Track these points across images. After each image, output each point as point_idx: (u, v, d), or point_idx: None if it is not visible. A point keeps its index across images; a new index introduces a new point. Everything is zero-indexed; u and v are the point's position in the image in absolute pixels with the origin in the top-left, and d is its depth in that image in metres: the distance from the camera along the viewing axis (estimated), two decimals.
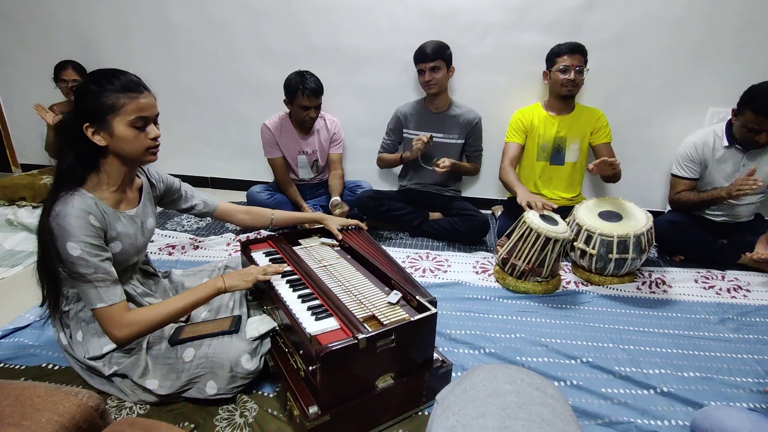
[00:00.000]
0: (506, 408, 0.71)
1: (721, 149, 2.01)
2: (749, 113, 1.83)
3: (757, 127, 1.83)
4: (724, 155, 2.01)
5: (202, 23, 2.63)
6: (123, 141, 1.14)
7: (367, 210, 2.33)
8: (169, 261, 2.08)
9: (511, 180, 2.14)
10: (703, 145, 2.04)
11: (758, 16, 2.11)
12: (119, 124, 1.12)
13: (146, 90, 1.16)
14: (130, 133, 1.14)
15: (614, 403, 1.29)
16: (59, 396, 0.75)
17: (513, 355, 1.48)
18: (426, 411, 1.26)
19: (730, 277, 1.98)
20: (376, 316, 1.19)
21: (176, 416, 1.22)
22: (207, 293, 1.26)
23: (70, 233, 1.08)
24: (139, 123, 1.14)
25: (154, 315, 1.18)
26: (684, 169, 2.10)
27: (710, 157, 2.03)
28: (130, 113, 1.12)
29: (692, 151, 2.06)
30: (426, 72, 2.18)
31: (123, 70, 1.15)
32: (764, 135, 1.84)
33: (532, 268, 1.81)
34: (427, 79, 2.19)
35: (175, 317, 1.22)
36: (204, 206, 1.58)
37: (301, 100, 2.24)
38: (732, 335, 1.60)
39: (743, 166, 1.99)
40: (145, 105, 1.15)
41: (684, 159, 2.09)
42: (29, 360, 1.42)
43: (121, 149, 1.15)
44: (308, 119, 2.32)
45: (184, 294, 1.25)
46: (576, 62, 2.06)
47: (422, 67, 2.19)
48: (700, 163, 2.06)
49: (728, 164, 2.02)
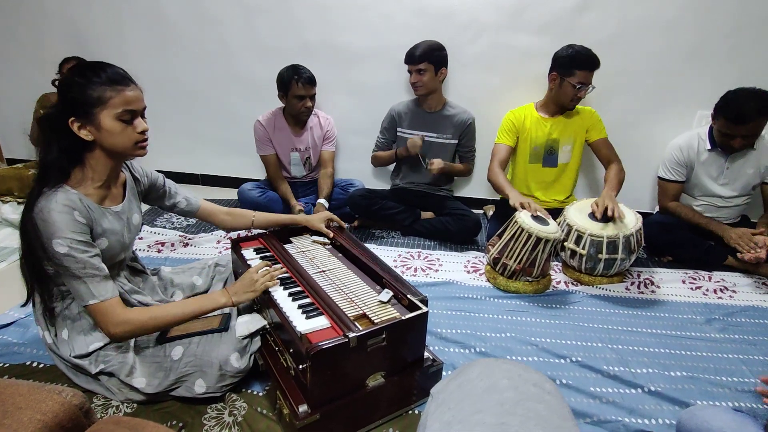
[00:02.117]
0: (503, 404, 0.70)
1: (705, 152, 2.04)
2: (722, 119, 1.88)
3: (729, 132, 1.88)
4: (708, 158, 2.05)
5: (197, 18, 2.60)
6: (110, 135, 1.12)
7: (359, 209, 2.32)
8: (158, 258, 2.05)
9: (501, 182, 2.12)
10: (688, 148, 2.07)
11: (750, 20, 2.14)
12: (106, 117, 1.10)
13: (133, 83, 1.14)
14: (117, 126, 1.11)
15: (603, 402, 1.30)
16: (42, 394, 0.74)
17: (503, 354, 1.49)
18: (417, 410, 1.26)
19: (717, 278, 2.00)
20: (367, 315, 1.18)
21: (164, 415, 1.21)
22: (209, 306, 1.23)
23: (56, 230, 1.06)
24: (126, 116, 1.12)
25: (152, 318, 1.16)
26: (671, 173, 2.12)
27: (695, 159, 2.07)
28: (117, 106, 1.10)
29: (677, 154, 2.09)
30: (412, 74, 2.19)
31: (109, 63, 1.13)
32: (738, 140, 1.89)
33: (523, 267, 1.81)
34: (413, 80, 2.21)
35: (171, 324, 1.20)
36: (187, 204, 1.54)
37: (295, 90, 2.23)
38: (718, 335, 1.63)
39: (726, 168, 2.02)
40: (132, 98, 1.12)
41: (670, 162, 2.12)
42: (13, 358, 1.40)
43: (108, 143, 1.13)
44: (304, 110, 2.30)
45: (186, 302, 1.23)
46: (591, 79, 2.04)
47: (409, 69, 2.21)
48: (685, 166, 2.09)
49: (713, 167, 2.05)
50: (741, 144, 1.90)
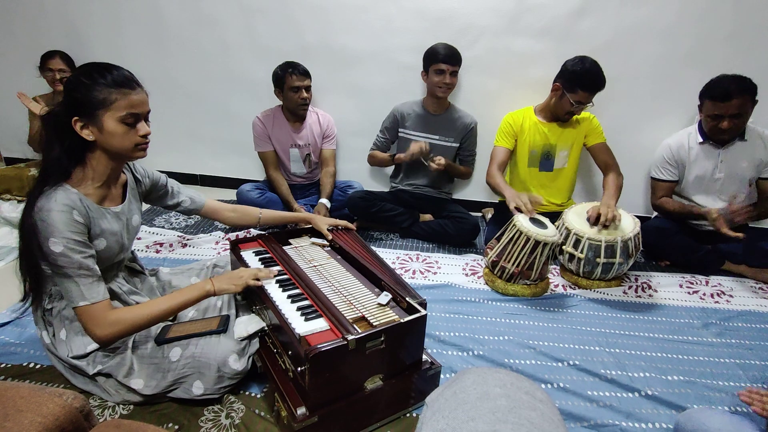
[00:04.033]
0: (496, 412, 0.71)
1: (696, 147, 2.07)
2: (708, 102, 1.93)
3: (717, 113, 1.91)
4: (700, 153, 2.07)
5: (195, 18, 2.60)
6: (112, 136, 1.12)
7: (358, 210, 2.32)
8: (156, 259, 2.05)
9: (498, 183, 2.13)
10: (678, 147, 2.10)
11: (746, 26, 2.15)
12: (109, 119, 1.10)
13: (139, 86, 1.15)
14: (119, 128, 1.12)
15: (600, 406, 1.31)
16: (43, 397, 0.74)
17: (501, 358, 1.49)
18: (414, 412, 1.26)
19: (714, 282, 2.01)
20: (365, 317, 1.19)
21: (160, 417, 1.20)
22: (194, 296, 1.24)
23: (53, 229, 1.06)
24: (129, 119, 1.12)
25: (139, 315, 1.16)
26: (662, 172, 2.14)
27: (686, 157, 2.09)
28: (121, 109, 1.10)
29: (668, 154, 2.11)
30: (447, 74, 2.15)
31: (116, 65, 1.13)
32: (726, 121, 1.90)
33: (521, 270, 1.82)
34: (447, 81, 2.17)
35: (160, 318, 1.20)
36: (191, 203, 1.55)
37: (290, 81, 2.25)
38: (715, 339, 1.63)
39: (721, 162, 2.04)
40: (137, 101, 1.13)
41: (661, 162, 2.14)
42: (10, 358, 1.39)
43: (109, 145, 1.13)
44: (300, 101, 2.31)
45: (171, 295, 1.23)
46: (592, 99, 2.03)
47: (443, 68, 2.14)
48: (677, 165, 2.11)
49: (707, 161, 2.06)
50: (730, 126, 1.90)
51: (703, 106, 1.97)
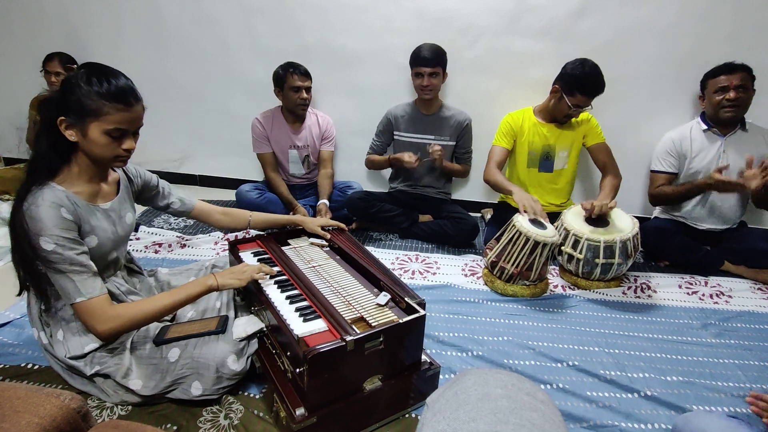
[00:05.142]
0: (497, 413, 0.71)
1: (699, 138, 2.07)
2: (712, 80, 2.01)
3: (723, 84, 1.96)
4: (703, 144, 2.07)
5: (195, 18, 2.60)
6: (93, 144, 1.11)
7: (357, 211, 2.32)
8: (155, 259, 2.05)
9: (500, 180, 2.12)
10: (681, 139, 2.10)
11: (746, 27, 2.15)
12: (95, 129, 1.09)
13: (137, 102, 1.12)
14: (103, 139, 1.10)
15: (599, 407, 1.30)
16: (40, 398, 0.74)
17: (500, 358, 1.49)
18: (414, 413, 1.26)
19: (713, 283, 2.01)
20: (364, 318, 1.18)
21: (158, 417, 1.20)
22: (197, 291, 1.24)
23: (42, 227, 1.06)
24: (116, 133, 1.11)
25: (140, 311, 1.16)
26: (662, 164, 2.15)
27: (688, 149, 2.09)
28: (111, 123, 1.09)
29: (670, 146, 2.12)
30: (425, 77, 2.16)
31: (119, 73, 1.11)
32: (732, 91, 1.94)
33: (520, 271, 1.82)
34: (425, 84, 2.17)
35: (161, 314, 1.19)
36: (181, 205, 1.54)
37: (291, 81, 2.26)
38: (714, 340, 1.63)
39: (723, 152, 2.04)
40: (129, 119, 1.11)
41: (662, 154, 2.15)
42: (8, 359, 1.39)
43: (89, 151, 1.13)
44: (300, 101, 2.31)
45: (173, 291, 1.23)
46: (590, 103, 2.03)
47: (421, 71, 2.16)
48: (678, 157, 2.11)
49: (710, 151, 2.06)
50: (736, 97, 1.92)
51: (708, 88, 2.02)
